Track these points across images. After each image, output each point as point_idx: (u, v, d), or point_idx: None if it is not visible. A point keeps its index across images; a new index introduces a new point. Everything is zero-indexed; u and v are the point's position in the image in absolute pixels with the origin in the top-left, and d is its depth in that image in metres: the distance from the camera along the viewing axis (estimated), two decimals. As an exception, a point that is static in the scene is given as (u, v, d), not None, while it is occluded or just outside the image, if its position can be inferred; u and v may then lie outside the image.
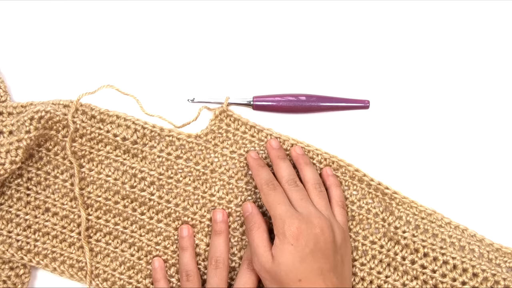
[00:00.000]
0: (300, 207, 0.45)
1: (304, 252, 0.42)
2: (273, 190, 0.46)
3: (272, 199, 0.45)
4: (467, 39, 0.53)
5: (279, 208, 0.44)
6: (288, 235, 0.43)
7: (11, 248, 0.49)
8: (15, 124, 0.48)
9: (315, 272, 0.42)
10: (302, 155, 0.49)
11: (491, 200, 0.51)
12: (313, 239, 0.43)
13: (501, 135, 0.52)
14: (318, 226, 0.43)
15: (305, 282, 0.42)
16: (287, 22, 0.53)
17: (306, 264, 0.42)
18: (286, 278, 0.42)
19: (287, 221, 0.43)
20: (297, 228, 0.43)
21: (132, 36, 0.53)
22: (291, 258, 0.42)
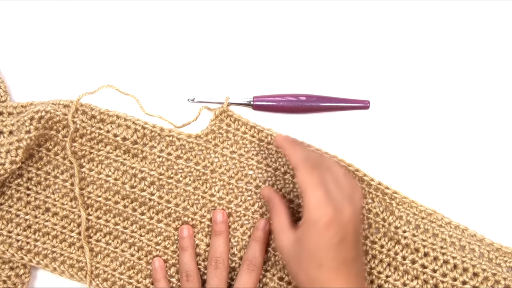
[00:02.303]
0: (335, 192, 0.42)
1: (332, 241, 0.41)
2: (311, 169, 0.43)
3: (308, 180, 0.42)
4: (467, 40, 0.53)
5: (316, 194, 0.42)
6: (320, 222, 0.41)
7: (11, 248, 0.49)
8: (15, 124, 0.48)
9: (338, 260, 0.41)
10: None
11: (491, 200, 0.51)
12: (344, 229, 0.41)
13: (501, 135, 0.52)
14: (351, 216, 0.42)
15: (326, 269, 0.40)
16: (287, 22, 0.53)
17: (332, 252, 0.41)
18: (307, 261, 0.41)
19: (321, 208, 0.41)
20: (330, 218, 0.41)
21: (132, 36, 0.53)
22: (318, 244, 0.41)
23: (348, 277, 0.41)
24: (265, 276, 0.50)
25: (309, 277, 0.41)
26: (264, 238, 0.49)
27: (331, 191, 0.42)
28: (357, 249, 0.43)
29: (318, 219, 0.41)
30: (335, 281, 0.40)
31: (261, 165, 0.50)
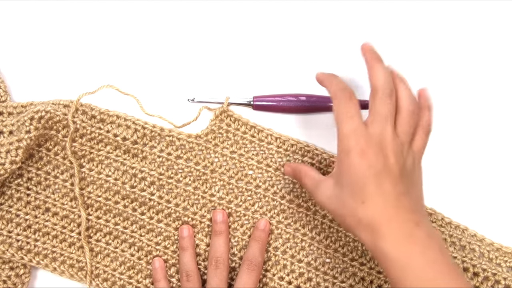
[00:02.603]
0: (379, 124, 0.40)
1: (368, 173, 0.38)
2: (347, 100, 0.41)
3: (343, 111, 0.40)
4: (467, 40, 0.53)
5: (349, 124, 0.40)
6: (352, 153, 0.39)
7: (11, 248, 0.49)
8: (15, 124, 0.48)
9: (381, 195, 0.38)
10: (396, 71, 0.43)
11: (491, 200, 0.51)
12: (381, 162, 0.39)
13: (501, 135, 0.52)
14: (390, 149, 0.39)
15: (370, 205, 0.38)
16: (287, 22, 0.53)
17: (371, 185, 0.38)
18: (349, 199, 0.39)
19: (354, 139, 0.39)
20: (362, 147, 0.39)
21: (132, 36, 0.53)
22: (353, 178, 0.39)
23: (397, 212, 0.38)
24: (265, 276, 0.50)
25: (356, 217, 0.39)
26: (264, 238, 0.49)
27: (371, 122, 0.40)
28: (406, 184, 0.40)
29: (351, 148, 0.39)
30: (382, 217, 0.38)
31: (261, 165, 0.50)
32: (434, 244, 0.37)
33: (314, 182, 0.44)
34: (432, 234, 0.38)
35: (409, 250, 0.37)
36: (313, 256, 0.50)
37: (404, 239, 0.37)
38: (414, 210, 0.39)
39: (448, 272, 0.37)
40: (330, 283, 0.49)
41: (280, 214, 0.50)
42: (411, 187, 0.41)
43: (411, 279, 0.36)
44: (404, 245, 0.37)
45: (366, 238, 0.38)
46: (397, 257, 0.37)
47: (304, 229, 0.50)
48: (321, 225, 0.50)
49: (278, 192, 0.50)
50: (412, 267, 0.36)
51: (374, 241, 0.38)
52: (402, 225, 0.38)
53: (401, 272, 0.37)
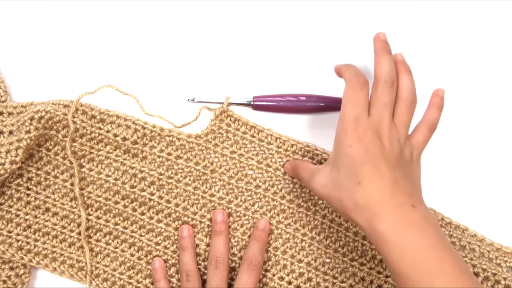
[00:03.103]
0: (378, 111, 0.41)
1: (365, 156, 0.39)
2: (359, 86, 0.41)
3: (351, 96, 0.41)
4: (467, 40, 0.53)
5: (351, 109, 0.41)
6: (349, 137, 0.40)
7: (11, 248, 0.49)
8: (15, 124, 0.48)
9: (376, 175, 0.39)
10: (403, 61, 0.44)
11: (491, 200, 0.51)
12: (377, 146, 0.40)
13: (501, 135, 0.52)
14: (386, 137, 0.40)
15: (365, 183, 0.38)
16: (287, 22, 0.53)
17: (367, 166, 0.39)
18: (346, 182, 0.39)
19: (354, 124, 0.40)
20: (359, 132, 0.40)
21: (132, 36, 0.53)
22: (350, 160, 0.39)
23: (393, 195, 0.38)
24: (265, 276, 0.50)
25: (352, 198, 0.39)
26: (264, 238, 0.49)
27: (372, 109, 0.41)
28: (403, 171, 0.40)
29: (349, 131, 0.40)
30: (378, 198, 0.38)
31: (261, 165, 0.50)
32: (431, 227, 0.38)
33: (310, 172, 0.44)
34: (428, 217, 0.38)
35: (406, 232, 0.37)
36: (313, 256, 0.50)
37: (401, 221, 0.37)
38: (411, 194, 0.39)
39: (445, 254, 0.37)
40: (330, 283, 0.49)
41: (280, 214, 0.50)
42: (409, 175, 0.41)
43: (407, 261, 0.36)
44: (400, 227, 0.37)
45: (362, 220, 0.38)
46: (393, 239, 0.37)
47: (304, 229, 0.50)
48: (321, 225, 0.50)
49: (278, 192, 0.50)
50: (409, 249, 0.36)
51: (370, 223, 0.38)
52: (398, 207, 0.38)
53: (398, 253, 0.37)
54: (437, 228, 0.38)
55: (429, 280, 0.36)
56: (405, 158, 0.41)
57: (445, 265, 0.36)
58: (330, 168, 0.42)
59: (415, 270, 0.36)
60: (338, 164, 0.41)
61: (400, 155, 0.41)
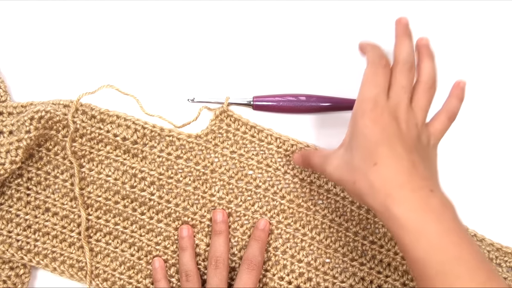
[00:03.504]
0: (395, 94, 0.40)
1: (381, 136, 0.38)
2: (381, 68, 0.40)
3: (372, 76, 0.40)
4: (467, 40, 0.53)
5: (370, 90, 0.39)
6: (366, 117, 0.38)
7: (11, 248, 0.49)
8: (15, 124, 0.48)
9: (393, 156, 0.37)
10: (427, 46, 0.43)
11: (491, 200, 0.51)
12: (394, 128, 0.38)
13: (501, 135, 0.52)
14: (403, 120, 0.39)
15: (381, 164, 0.37)
16: (287, 22, 0.53)
17: (383, 147, 0.37)
18: (361, 163, 0.38)
19: (371, 104, 0.39)
20: (377, 114, 0.38)
21: (132, 36, 0.53)
22: (365, 141, 0.38)
23: (411, 177, 0.37)
24: (265, 276, 0.50)
25: (367, 180, 0.37)
26: (264, 238, 0.49)
27: (391, 91, 0.40)
28: (420, 155, 0.39)
29: (365, 112, 0.39)
30: (395, 180, 0.36)
31: (261, 165, 0.50)
32: (449, 213, 0.36)
33: (322, 158, 0.43)
34: (446, 203, 0.37)
35: (424, 217, 0.35)
36: (313, 256, 0.50)
37: (419, 205, 0.36)
38: (429, 178, 0.38)
39: (464, 242, 0.35)
40: (330, 283, 0.49)
41: (280, 214, 0.50)
42: (426, 160, 0.40)
43: (424, 247, 0.35)
44: (418, 212, 0.35)
45: (377, 203, 0.37)
46: (410, 224, 0.35)
47: (304, 229, 0.50)
48: (321, 225, 0.50)
49: (278, 192, 0.50)
50: (426, 235, 0.35)
51: (385, 206, 0.36)
52: (416, 191, 0.36)
53: (414, 239, 0.35)
54: (455, 215, 0.37)
55: (446, 268, 0.34)
56: (422, 142, 0.40)
57: (464, 252, 0.35)
58: (344, 150, 0.40)
59: (432, 256, 0.35)
60: (352, 145, 0.39)
61: (417, 139, 0.40)
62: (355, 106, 0.40)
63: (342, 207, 0.50)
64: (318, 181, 0.50)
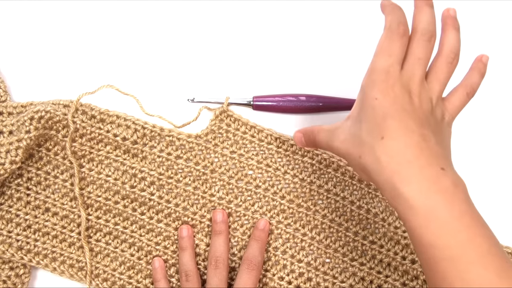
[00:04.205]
0: (410, 66, 0.37)
1: (390, 109, 0.35)
2: (398, 36, 0.37)
3: (386, 45, 0.37)
4: (467, 40, 0.53)
5: (383, 60, 0.37)
6: (376, 88, 0.36)
7: (11, 248, 0.49)
8: (15, 124, 0.48)
9: (403, 129, 0.35)
10: (454, 18, 0.39)
11: (491, 200, 0.51)
12: (406, 101, 0.36)
13: (501, 135, 0.52)
14: (416, 93, 0.36)
15: (389, 138, 0.34)
16: (287, 22, 0.53)
17: (392, 120, 0.35)
18: (366, 137, 0.36)
19: (383, 75, 0.36)
20: (388, 85, 0.36)
21: (132, 36, 0.53)
22: (373, 113, 0.35)
23: (421, 153, 0.34)
24: (265, 276, 0.50)
25: (373, 155, 0.35)
26: (264, 238, 0.49)
27: (406, 63, 0.37)
28: (433, 130, 0.36)
29: (376, 82, 0.36)
30: (404, 156, 0.34)
31: (261, 165, 0.50)
32: (461, 193, 0.34)
33: (328, 132, 0.40)
34: (458, 182, 0.34)
35: (434, 198, 0.33)
36: (313, 256, 0.50)
37: (429, 184, 0.33)
38: (440, 154, 0.35)
39: (476, 225, 0.33)
40: (330, 283, 0.49)
41: (280, 214, 0.50)
42: (439, 135, 0.37)
43: (434, 230, 0.33)
44: (428, 192, 0.33)
45: (382, 180, 0.35)
46: (419, 204, 0.33)
47: (304, 229, 0.50)
48: (321, 225, 0.50)
49: (278, 192, 0.50)
50: (436, 217, 0.33)
51: (392, 184, 0.34)
52: (426, 168, 0.34)
53: (423, 221, 0.33)
54: (467, 196, 0.35)
55: (457, 252, 0.32)
56: (436, 117, 0.38)
57: (476, 236, 0.33)
58: (351, 122, 0.38)
59: (442, 241, 0.33)
60: (360, 117, 0.37)
61: (430, 113, 0.37)
62: (366, 75, 0.37)
63: (342, 207, 0.50)
64: (318, 181, 0.50)
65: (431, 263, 0.33)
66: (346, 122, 0.39)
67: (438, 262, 0.33)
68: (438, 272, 0.33)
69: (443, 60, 0.39)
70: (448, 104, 0.40)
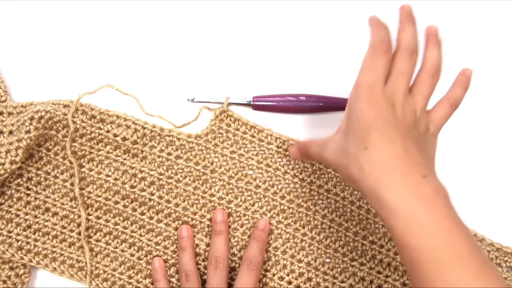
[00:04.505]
0: (394, 80, 0.39)
1: (374, 120, 0.37)
2: (381, 53, 0.39)
3: (370, 62, 0.39)
4: (467, 40, 0.53)
5: (367, 76, 0.39)
6: (361, 101, 0.38)
7: (11, 248, 0.49)
8: (15, 124, 0.48)
9: (386, 140, 0.36)
10: (435, 34, 0.42)
11: (491, 200, 0.51)
12: (389, 113, 0.38)
13: (501, 135, 0.52)
14: (399, 106, 0.38)
15: (372, 148, 0.36)
16: (287, 22, 0.53)
17: (375, 132, 0.37)
18: (351, 148, 0.38)
19: (368, 89, 0.38)
20: (372, 98, 0.38)
21: (132, 36, 0.53)
22: (358, 125, 0.37)
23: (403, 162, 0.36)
24: (265, 276, 0.50)
25: (358, 164, 0.37)
26: (264, 238, 0.49)
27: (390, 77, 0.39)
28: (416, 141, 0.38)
29: (361, 96, 0.38)
30: (385, 165, 0.36)
31: (261, 165, 0.50)
32: (441, 199, 0.35)
33: (320, 145, 0.43)
34: (440, 189, 0.36)
35: (415, 204, 0.34)
36: (313, 256, 0.50)
37: (410, 191, 0.35)
38: (422, 163, 0.37)
39: (456, 229, 0.35)
40: (330, 283, 0.49)
41: (280, 214, 0.50)
42: (422, 146, 0.39)
43: (414, 234, 0.34)
44: (409, 198, 0.35)
45: (366, 187, 0.36)
46: (400, 209, 0.34)
47: (304, 229, 0.50)
48: (321, 225, 0.50)
49: (278, 192, 0.50)
50: (417, 222, 0.34)
51: (375, 191, 0.35)
52: (408, 176, 0.35)
53: (404, 225, 0.34)
54: (448, 201, 0.36)
55: (437, 254, 0.34)
56: (419, 129, 0.39)
57: (455, 240, 0.34)
58: (340, 134, 0.40)
59: (422, 243, 0.34)
60: (347, 129, 0.39)
61: (413, 125, 0.39)
62: (352, 90, 0.39)
63: (342, 207, 0.50)
64: (318, 181, 0.50)
65: (414, 266, 0.35)
66: (336, 135, 0.41)
67: (421, 265, 0.34)
68: (420, 274, 0.35)
69: (425, 74, 0.41)
70: (433, 116, 0.41)
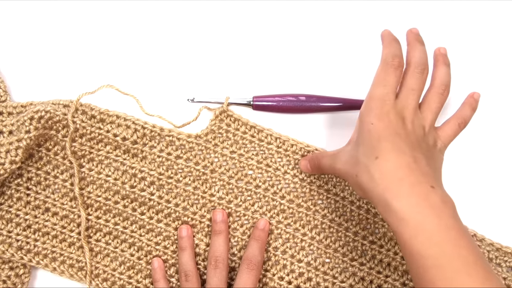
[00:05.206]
0: (404, 95, 0.41)
1: (384, 132, 0.39)
2: (392, 68, 0.41)
3: (382, 76, 0.41)
4: (467, 40, 0.53)
5: (379, 90, 0.41)
6: (372, 115, 0.40)
7: (11, 248, 0.49)
8: (15, 124, 0.48)
9: (396, 150, 0.38)
10: (444, 55, 0.45)
11: (491, 200, 0.51)
12: (399, 126, 0.39)
13: (501, 135, 0.52)
14: (409, 120, 0.40)
15: (382, 158, 0.38)
16: (287, 22, 0.53)
17: (386, 142, 0.38)
18: (362, 158, 0.39)
19: (379, 103, 0.40)
20: (383, 112, 0.39)
21: (132, 36, 0.53)
22: (369, 136, 0.39)
23: (412, 172, 0.37)
24: (265, 276, 0.50)
25: (368, 173, 0.38)
26: (264, 237, 0.49)
27: (400, 93, 0.41)
28: (425, 154, 0.40)
29: (373, 109, 0.40)
30: (395, 174, 0.37)
31: (261, 165, 0.50)
32: (448, 209, 0.37)
33: (331, 157, 0.44)
34: (446, 199, 0.37)
35: (423, 212, 0.36)
36: (313, 256, 0.50)
37: (419, 200, 0.36)
38: (430, 175, 0.38)
39: (462, 239, 0.36)
40: (330, 283, 0.49)
41: (280, 214, 0.50)
42: (430, 159, 0.40)
43: (422, 241, 0.35)
44: (418, 206, 0.36)
45: (376, 196, 0.38)
46: (409, 218, 0.36)
47: (304, 229, 0.50)
48: (321, 225, 0.50)
49: (278, 192, 0.50)
50: (424, 229, 0.35)
51: (385, 199, 0.37)
52: (416, 186, 0.37)
53: (412, 233, 0.36)
54: (455, 212, 0.37)
55: (444, 261, 0.35)
56: (427, 143, 0.41)
57: (461, 249, 0.35)
58: (351, 146, 0.42)
59: (430, 250, 0.35)
60: (358, 141, 0.41)
61: (422, 139, 0.41)
62: (364, 103, 0.41)
63: (342, 207, 0.50)
64: (318, 181, 0.50)
65: (420, 272, 0.36)
66: (347, 146, 0.44)
67: (427, 271, 0.35)
68: (426, 280, 0.36)
69: (434, 92, 0.43)
70: (441, 133, 0.43)
